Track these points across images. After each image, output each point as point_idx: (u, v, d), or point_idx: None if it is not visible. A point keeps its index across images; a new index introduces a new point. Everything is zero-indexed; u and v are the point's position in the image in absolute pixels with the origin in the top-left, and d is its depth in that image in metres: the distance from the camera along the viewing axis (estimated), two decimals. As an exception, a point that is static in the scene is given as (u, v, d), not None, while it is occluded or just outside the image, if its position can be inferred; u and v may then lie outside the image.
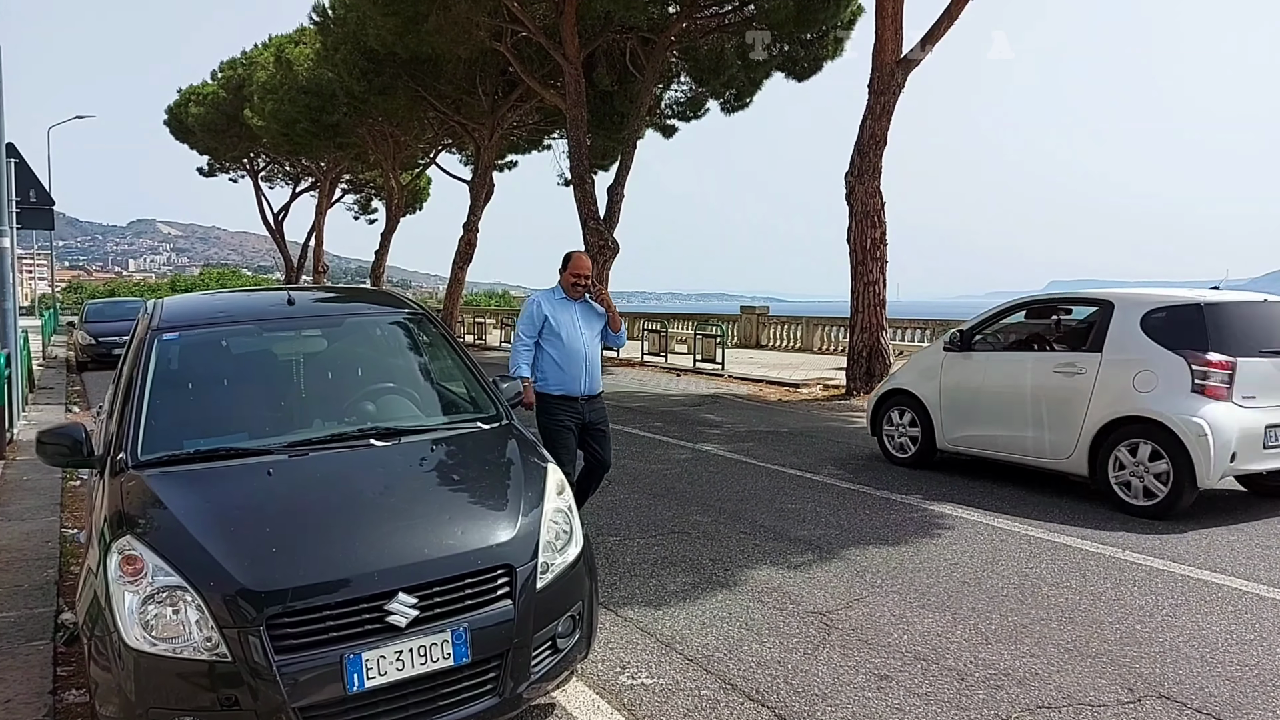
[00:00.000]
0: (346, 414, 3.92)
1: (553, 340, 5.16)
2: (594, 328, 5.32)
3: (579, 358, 5.16)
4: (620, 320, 5.45)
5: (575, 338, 5.17)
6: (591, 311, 5.32)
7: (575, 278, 5.23)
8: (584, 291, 5.26)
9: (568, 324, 5.17)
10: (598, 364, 5.32)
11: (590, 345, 5.25)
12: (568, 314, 5.21)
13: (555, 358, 5.16)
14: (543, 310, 5.20)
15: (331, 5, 25.95)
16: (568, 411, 5.20)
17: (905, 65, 13.38)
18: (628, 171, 22.73)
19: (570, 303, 5.26)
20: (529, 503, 3.31)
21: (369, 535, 2.98)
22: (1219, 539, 5.68)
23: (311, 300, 4.65)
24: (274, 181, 46.68)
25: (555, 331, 5.15)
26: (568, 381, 5.17)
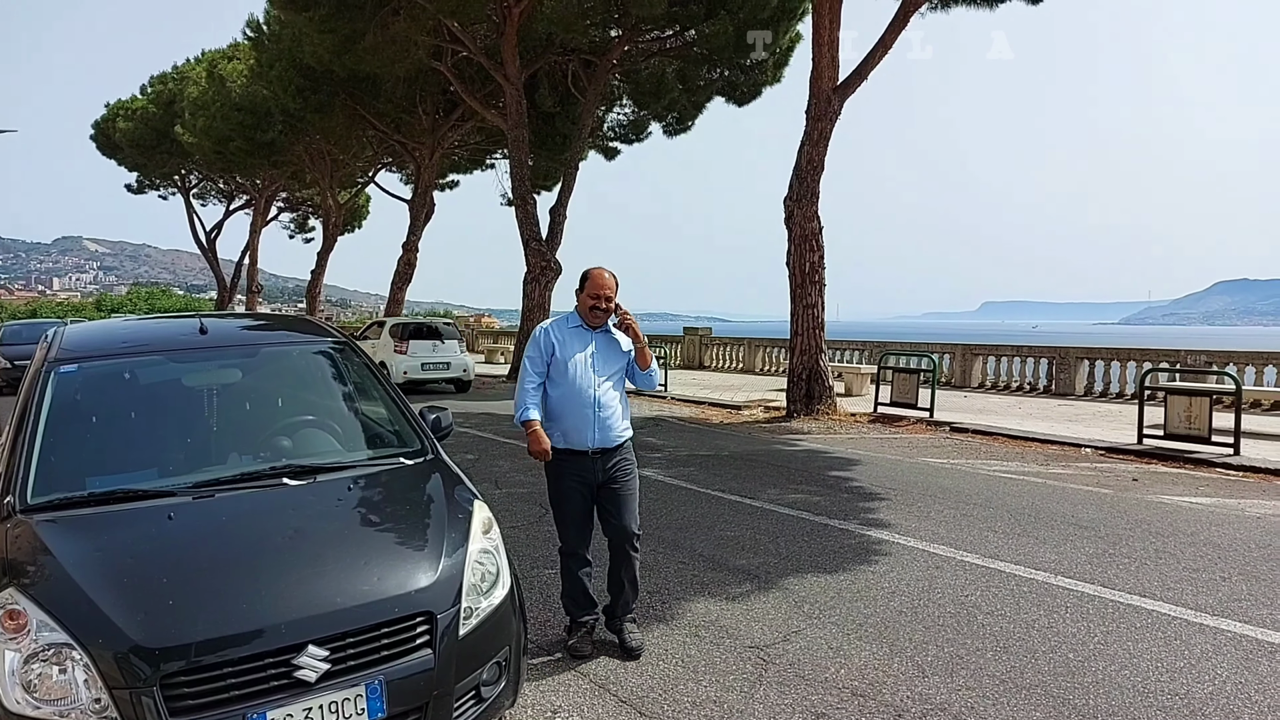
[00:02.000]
0: (261, 450, 3.72)
1: (557, 379, 4.24)
2: (613, 364, 4.31)
3: (584, 402, 4.18)
4: (651, 355, 4.40)
5: (583, 376, 4.21)
6: (613, 345, 4.31)
7: (594, 300, 4.20)
8: (605, 318, 4.26)
9: (577, 359, 4.23)
10: (616, 408, 4.27)
11: (603, 386, 4.24)
12: (580, 347, 4.26)
13: (557, 402, 4.24)
14: (550, 339, 4.25)
15: (266, 21, 25.48)
16: (574, 470, 4.23)
17: (841, 92, 13.60)
18: (570, 192, 22.69)
19: (586, 332, 4.28)
20: (452, 543, 3.15)
21: (276, 584, 2.79)
22: (1147, 563, 5.77)
23: (226, 328, 4.42)
24: (207, 199, 45.56)
25: (561, 368, 4.23)
26: (572, 431, 4.21)
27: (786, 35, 21.21)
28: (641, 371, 4.37)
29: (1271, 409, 14.12)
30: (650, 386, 4.49)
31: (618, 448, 4.30)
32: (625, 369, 4.37)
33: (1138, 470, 9.37)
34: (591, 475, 4.23)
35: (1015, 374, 18.69)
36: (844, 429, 12.70)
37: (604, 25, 21.21)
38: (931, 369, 13.84)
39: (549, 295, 22.16)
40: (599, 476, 4.24)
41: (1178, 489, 8.35)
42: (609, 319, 4.26)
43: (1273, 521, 6.98)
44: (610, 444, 4.26)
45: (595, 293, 4.19)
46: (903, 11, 13.37)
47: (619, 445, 4.30)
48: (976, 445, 11.17)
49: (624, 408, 4.35)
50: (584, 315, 4.27)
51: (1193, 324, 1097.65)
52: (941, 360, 18.57)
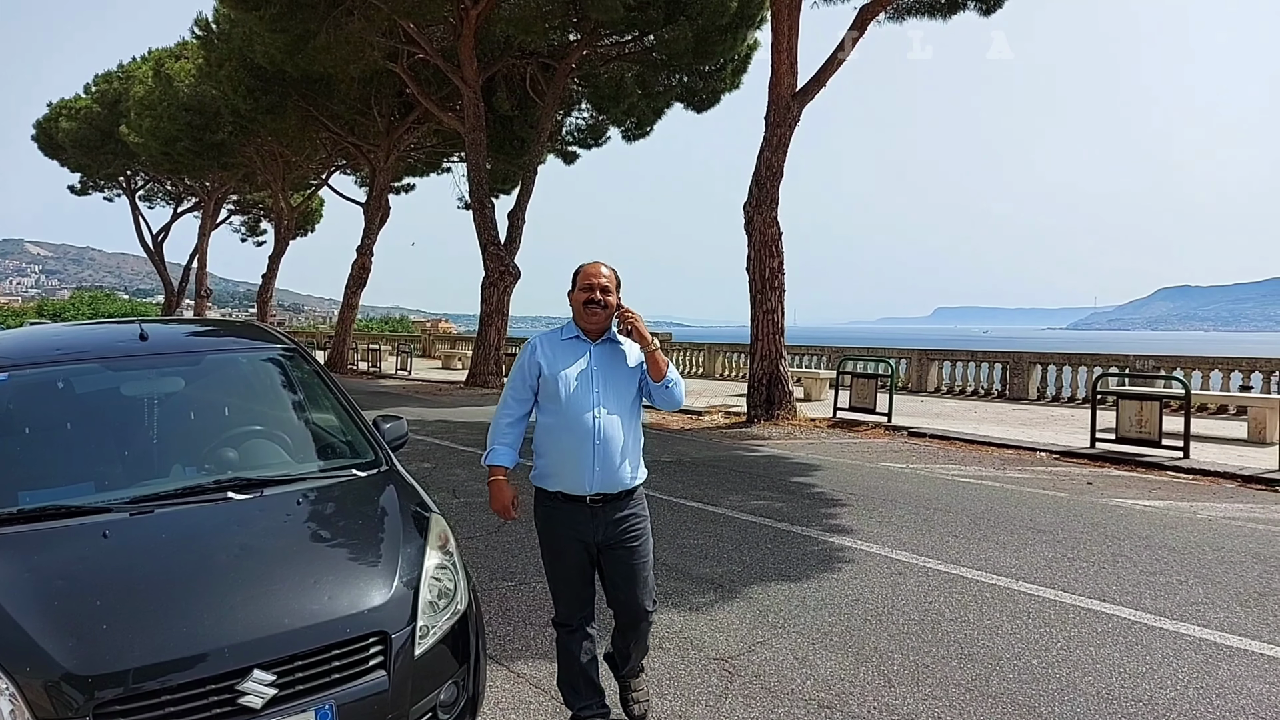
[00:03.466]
0: (205, 462, 3.55)
1: (547, 404, 3.34)
2: (619, 382, 3.35)
3: (581, 432, 3.25)
4: (665, 362, 3.38)
5: (582, 400, 3.28)
6: (617, 358, 3.38)
7: (587, 292, 3.30)
8: (604, 319, 3.34)
9: (570, 378, 3.30)
10: (623, 441, 3.31)
11: (605, 411, 3.29)
12: (576, 361, 3.33)
13: (547, 433, 3.34)
14: (537, 358, 3.35)
15: (216, 20, 24.94)
16: (568, 520, 3.31)
17: (801, 98, 13.66)
18: (529, 196, 22.52)
19: (582, 344, 3.37)
20: (407, 559, 3.02)
21: (220, 605, 2.64)
22: (1105, 567, 5.81)
23: (168, 334, 4.22)
24: (154, 201, 44.50)
25: (551, 390, 3.32)
26: (565, 469, 3.28)
27: (745, 43, 21.31)
28: (656, 384, 3.34)
29: (1217, 412, 14.48)
30: (672, 403, 3.42)
31: (626, 495, 3.33)
32: (638, 390, 3.41)
33: (1091, 473, 9.50)
34: (590, 529, 3.29)
35: (970, 379, 18.95)
36: (804, 434, 12.72)
37: (563, 29, 21.11)
38: (890, 374, 13.94)
39: (508, 300, 21.96)
40: (600, 533, 3.30)
41: (1131, 492, 8.48)
42: (610, 323, 3.37)
43: (1224, 524, 7.10)
44: (615, 488, 3.29)
45: (588, 283, 3.30)
46: (860, 20, 13.48)
47: (627, 492, 3.34)
48: (934, 450, 11.25)
49: (635, 441, 3.38)
50: (579, 319, 3.36)
51: (1137, 329, 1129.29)
52: (898, 365, 18.75)
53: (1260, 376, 14.54)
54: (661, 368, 3.32)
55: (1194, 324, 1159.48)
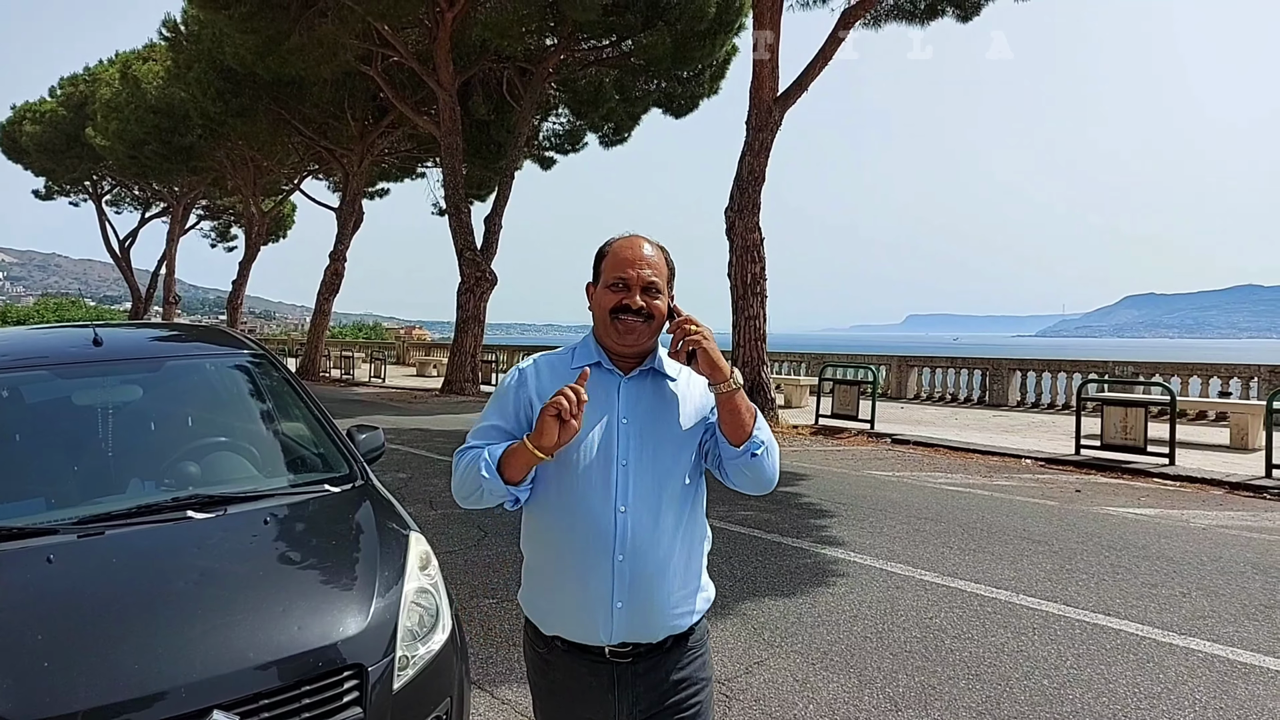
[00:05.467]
0: (165, 477, 3.27)
1: (544, 483, 1.95)
2: (669, 444, 1.95)
3: (598, 537, 1.90)
4: (753, 411, 1.91)
5: (598, 478, 1.92)
6: (666, 400, 1.97)
7: (619, 294, 1.91)
8: (646, 338, 1.94)
9: (586, 437, 1.92)
10: (673, 552, 1.93)
11: (646, 499, 1.91)
12: (594, 408, 1.90)
13: (543, 533, 2.00)
14: (529, 391, 2.00)
15: (184, 21, 24.46)
16: (576, 685, 1.96)
17: (782, 103, 13.53)
18: (505, 202, 22.26)
19: (607, 378, 1.97)
20: (385, 583, 2.77)
21: (177, 639, 2.37)
22: (1105, 579, 5.66)
23: (124, 339, 3.93)
24: (121, 206, 43.62)
25: None
26: (569, 602, 1.94)
27: (723, 48, 21.20)
28: (734, 450, 1.88)
29: (1197, 418, 14.50)
30: (761, 483, 1.94)
31: (677, 644, 1.96)
32: (697, 456, 1.98)
33: (1079, 481, 9.39)
34: (610, 703, 1.93)
35: (949, 385, 18.91)
36: (787, 442, 12.54)
37: (540, 33, 20.89)
38: (872, 381, 13.82)
39: (484, 306, 21.65)
40: (627, 709, 1.93)
41: (1120, 500, 8.37)
42: (654, 342, 1.97)
43: (1219, 533, 6.99)
44: (655, 634, 1.92)
45: (620, 275, 1.90)
46: (841, 24, 13.39)
47: (679, 639, 1.96)
48: (919, 457, 11.12)
49: (694, 548, 1.99)
50: (604, 334, 1.96)
51: (1104, 336, 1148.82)
52: (878, 371, 18.67)
53: (1239, 382, 14.60)
54: (746, 421, 1.85)
55: (1160, 330, 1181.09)
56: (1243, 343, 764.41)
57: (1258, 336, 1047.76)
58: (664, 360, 2.01)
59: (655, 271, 1.94)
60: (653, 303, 1.92)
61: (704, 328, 1.87)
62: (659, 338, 2.00)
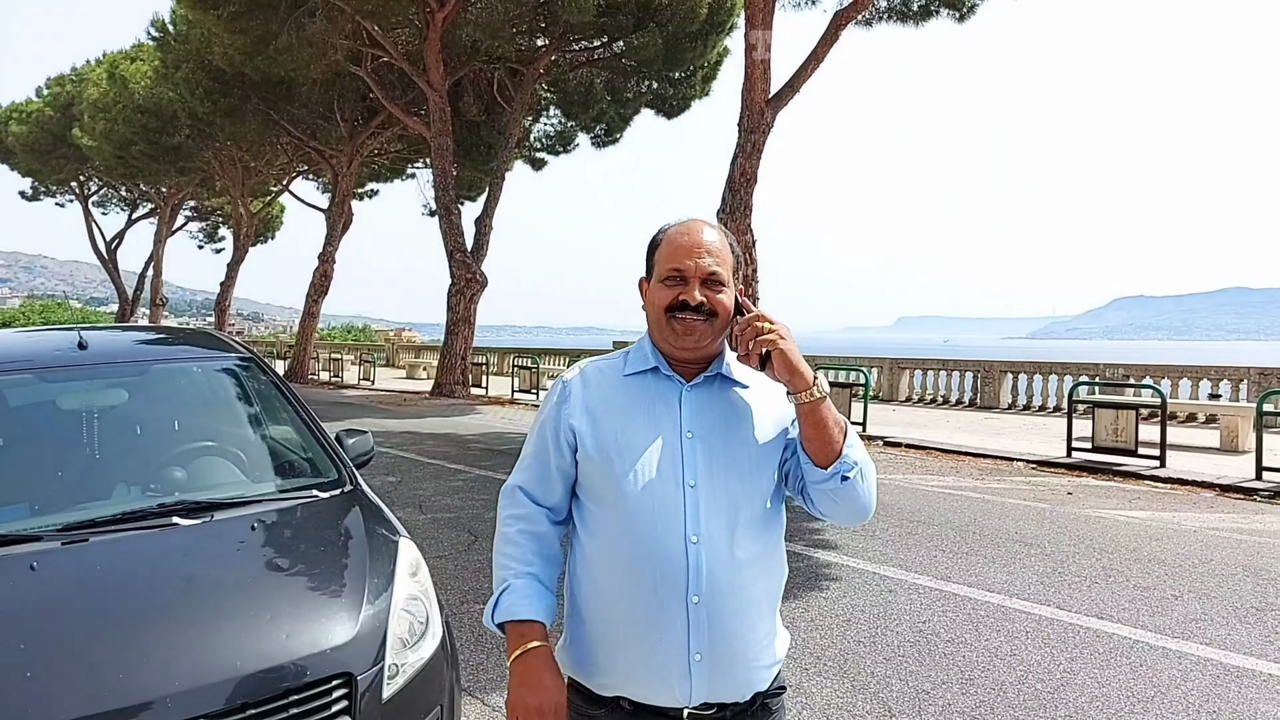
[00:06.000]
0: (150, 483, 3.23)
1: (598, 510, 1.67)
2: (746, 465, 1.63)
3: (669, 577, 1.57)
4: (843, 425, 1.59)
5: (665, 505, 1.59)
6: (738, 412, 1.67)
7: (678, 287, 1.61)
8: (710, 339, 1.63)
9: (647, 457, 1.61)
10: (755, 592, 1.63)
11: (723, 529, 1.59)
12: (654, 422, 1.64)
13: (599, 570, 1.66)
14: (567, 416, 1.69)
15: (173, 20, 24.33)
16: None
17: (774, 105, 13.53)
18: (496, 203, 22.20)
19: (666, 386, 1.67)
20: (374, 590, 2.73)
21: (162, 648, 2.33)
22: (1098, 582, 5.65)
23: (110, 343, 3.87)
24: (107, 207, 43.35)
25: (608, 481, 1.63)
26: (636, 657, 1.61)
27: (715, 49, 21.22)
28: (822, 472, 1.58)
29: (1187, 420, 14.56)
30: (857, 511, 1.63)
31: (762, 707, 1.67)
32: (778, 477, 1.69)
33: (1071, 483, 9.41)
34: None
35: (941, 387, 18.94)
36: (778, 444, 12.52)
37: (531, 33, 20.86)
38: (864, 384, 13.82)
39: (475, 308, 21.59)
40: None
41: (1112, 502, 8.38)
42: (719, 344, 1.68)
43: (1209, 535, 7.01)
44: (744, 690, 1.63)
45: (677, 266, 1.62)
46: (833, 26, 13.40)
47: (767, 702, 1.67)
48: (912, 460, 11.12)
49: (772, 581, 1.70)
50: (660, 336, 1.67)
51: (1094, 338, 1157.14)
52: (870, 374, 18.69)
53: (1229, 385, 14.66)
54: (834, 437, 1.56)
55: (1149, 333, 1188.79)
56: (1231, 344, 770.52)
57: (1246, 338, 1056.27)
58: (732, 364, 1.70)
59: (718, 260, 1.63)
60: (715, 298, 1.61)
61: (779, 325, 1.56)
62: (725, 338, 1.70)
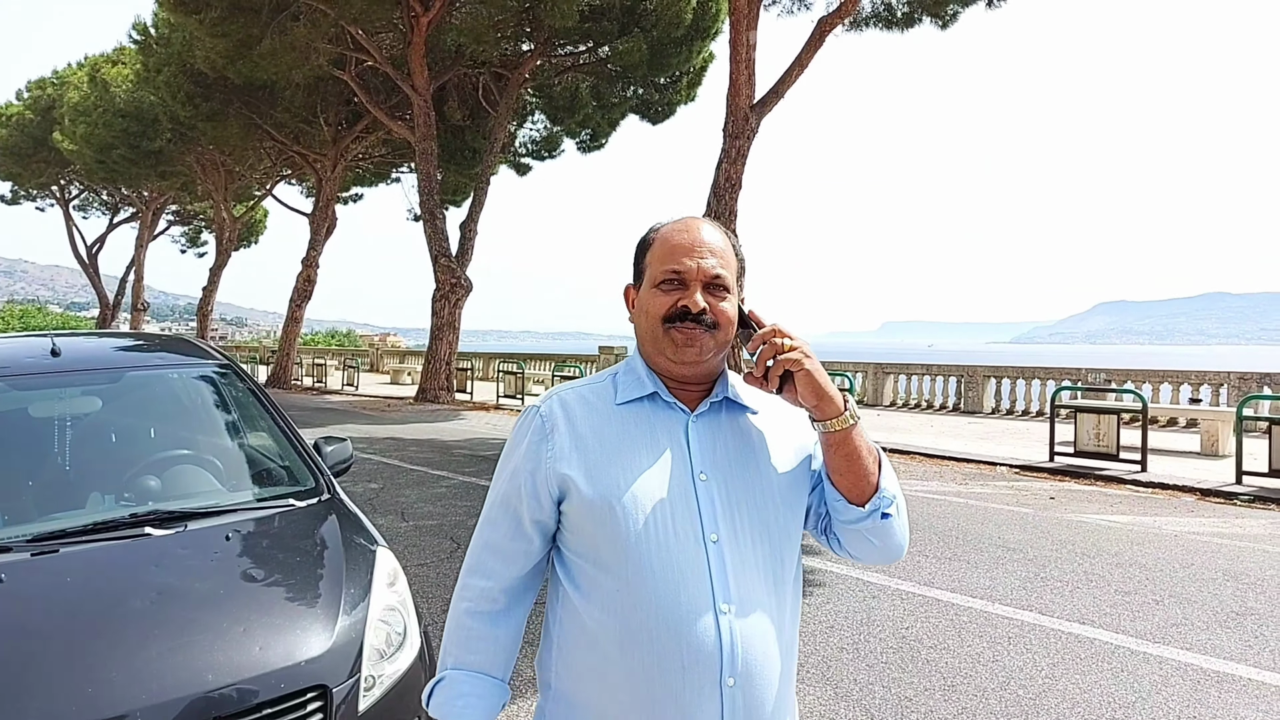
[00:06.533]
0: (125, 492, 3.18)
1: (597, 573, 1.32)
2: (770, 509, 1.35)
3: (697, 656, 1.25)
4: (874, 451, 1.34)
5: (686, 565, 1.28)
6: (752, 442, 1.39)
7: (675, 291, 1.35)
8: (713, 355, 1.36)
9: (657, 504, 1.30)
10: (782, 664, 1.34)
11: (752, 592, 1.30)
12: (657, 462, 1.33)
13: (604, 647, 1.29)
14: (552, 461, 1.35)
15: (155, 24, 24.16)
16: None
17: (759, 110, 13.55)
18: (481, 207, 22.14)
19: (668, 414, 1.38)
20: (351, 600, 2.70)
21: (132, 661, 2.29)
22: (1079, 587, 5.67)
23: (84, 349, 3.82)
24: (89, 211, 42.96)
25: (609, 536, 1.30)
26: None
27: (700, 55, 21.26)
28: (854, 509, 1.33)
29: (1167, 425, 14.67)
30: (891, 549, 1.39)
31: None
32: (801, 520, 1.43)
33: (1053, 488, 9.45)
34: None
35: (925, 392, 19.01)
36: (763, 449, 12.52)
37: (516, 38, 20.83)
38: (849, 388, 13.85)
39: (459, 313, 21.51)
40: None
41: (1094, 507, 8.42)
42: (720, 360, 1.41)
43: (1190, 539, 7.05)
44: None
45: (674, 268, 1.36)
46: (818, 32, 13.45)
47: None
48: (896, 464, 11.14)
49: (796, 646, 1.49)
50: (654, 351, 1.39)
51: (1076, 343, 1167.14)
52: (854, 378, 18.75)
53: (1209, 389, 14.79)
54: (869, 468, 1.32)
55: (1130, 337, 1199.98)
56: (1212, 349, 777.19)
57: (1226, 343, 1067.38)
58: (737, 386, 1.43)
59: (721, 261, 1.38)
60: (718, 306, 1.36)
61: (799, 340, 1.30)
62: (725, 354, 1.42)
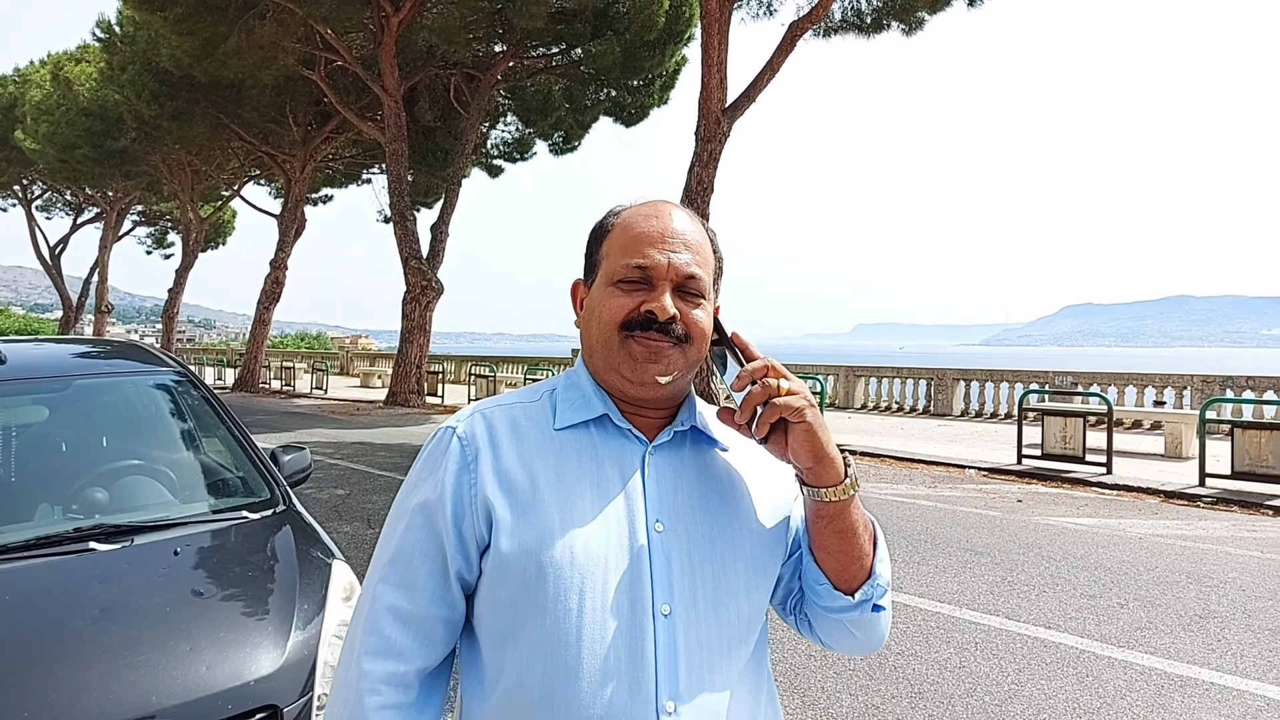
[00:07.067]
0: (73, 503, 3.08)
1: (508, 650, 1.03)
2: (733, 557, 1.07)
3: None
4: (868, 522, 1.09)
5: (630, 627, 0.99)
6: (713, 474, 1.14)
7: (638, 291, 1.07)
8: (679, 372, 1.10)
9: (597, 562, 1.01)
10: None
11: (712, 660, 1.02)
12: (605, 505, 1.04)
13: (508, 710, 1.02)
14: (470, 483, 1.05)
15: (119, 21, 23.74)
16: None
17: (731, 113, 13.57)
18: (452, 209, 21.98)
19: (620, 443, 1.11)
20: (304, 616, 2.62)
21: (73, 683, 2.20)
22: (1046, 591, 5.70)
23: (31, 357, 3.70)
24: (52, 211, 42.12)
25: (530, 598, 1.00)
26: None
27: (673, 58, 21.26)
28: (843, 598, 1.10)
29: (1132, 427, 14.86)
30: (873, 641, 1.18)
31: None
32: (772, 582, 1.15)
33: (1021, 490, 9.53)
34: None
35: (896, 395, 19.13)
36: (734, 453, 12.52)
37: (488, 40, 20.71)
38: (820, 391, 13.89)
39: (430, 315, 21.33)
40: None
41: (1060, 509, 8.49)
42: (686, 375, 1.13)
43: (1154, 541, 7.12)
44: None
45: (637, 261, 1.06)
46: (789, 37, 13.49)
47: None
48: (865, 468, 11.18)
49: None
50: (606, 366, 1.12)
51: (1044, 345, 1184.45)
52: (825, 381, 18.83)
53: (1173, 392, 15.01)
54: (864, 549, 1.09)
55: (1097, 339, 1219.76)
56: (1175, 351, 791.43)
57: (1190, 345, 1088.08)
58: (705, 415, 1.18)
59: (697, 258, 1.08)
60: (691, 315, 1.07)
61: (795, 382, 1.01)
62: (693, 374, 1.14)
